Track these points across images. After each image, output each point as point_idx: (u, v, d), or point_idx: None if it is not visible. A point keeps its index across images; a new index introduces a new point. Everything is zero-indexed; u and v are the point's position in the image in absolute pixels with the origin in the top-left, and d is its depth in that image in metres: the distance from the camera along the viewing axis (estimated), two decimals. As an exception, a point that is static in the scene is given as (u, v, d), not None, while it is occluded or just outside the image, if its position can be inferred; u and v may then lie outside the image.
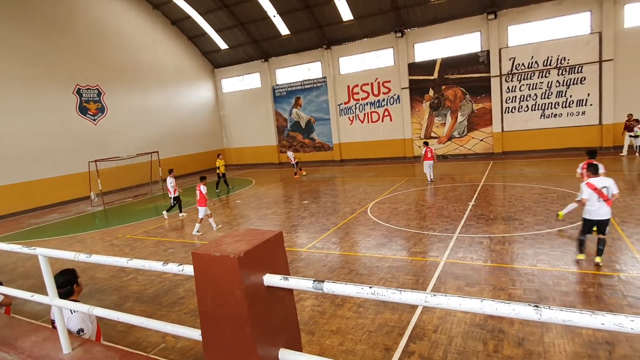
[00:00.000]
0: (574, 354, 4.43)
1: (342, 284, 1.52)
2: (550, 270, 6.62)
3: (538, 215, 9.76)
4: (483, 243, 8.25)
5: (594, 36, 18.00)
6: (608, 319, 1.18)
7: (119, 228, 13.30)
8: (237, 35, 25.50)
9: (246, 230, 1.86)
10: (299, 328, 1.89)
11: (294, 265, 8.11)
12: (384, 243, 8.89)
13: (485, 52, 20.20)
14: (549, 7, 18.51)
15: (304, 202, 14.21)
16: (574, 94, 18.79)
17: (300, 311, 6.04)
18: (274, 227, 11.37)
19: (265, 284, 1.67)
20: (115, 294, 7.60)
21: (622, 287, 5.85)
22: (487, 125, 20.89)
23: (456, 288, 6.38)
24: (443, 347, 4.80)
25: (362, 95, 23.85)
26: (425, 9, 20.64)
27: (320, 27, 23.20)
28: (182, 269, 1.92)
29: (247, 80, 28.01)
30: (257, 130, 27.99)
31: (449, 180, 15.79)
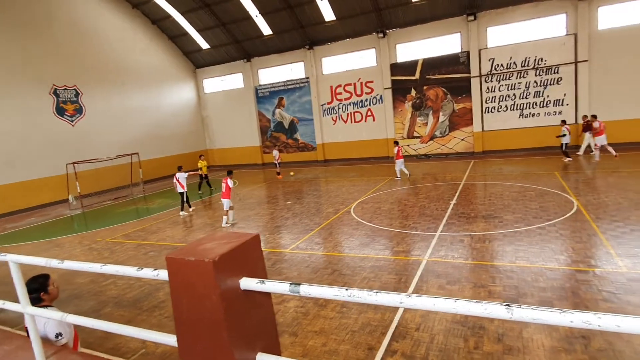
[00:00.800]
0: (551, 348, 4.53)
1: (318, 287, 1.52)
2: (529, 267, 6.77)
3: (517, 213, 9.96)
4: (464, 241, 8.37)
5: (569, 38, 18.49)
6: (576, 316, 1.21)
7: (98, 231, 13.01)
8: (218, 35, 25.26)
9: (222, 233, 1.84)
10: (277, 331, 1.87)
11: (277, 267, 8.07)
12: (367, 243, 8.93)
13: (465, 53, 20.53)
14: (526, 9, 18.94)
15: (288, 203, 14.18)
16: (550, 94, 19.27)
17: (283, 312, 6.03)
18: (257, 228, 11.30)
19: (241, 288, 1.65)
20: (93, 299, 7.43)
21: (597, 282, 6.02)
22: (467, 125, 21.24)
23: (438, 286, 6.46)
24: (425, 345, 4.85)
25: (345, 96, 23.93)
26: (406, 10, 20.85)
27: (302, 27, 23.18)
28: (157, 274, 1.89)
29: (230, 80, 27.77)
30: (240, 131, 27.78)
31: (431, 179, 15.98)
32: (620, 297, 5.52)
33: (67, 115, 20.32)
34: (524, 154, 19.49)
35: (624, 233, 7.85)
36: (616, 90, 18.04)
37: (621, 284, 5.85)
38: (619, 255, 6.84)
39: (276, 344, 1.86)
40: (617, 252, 6.97)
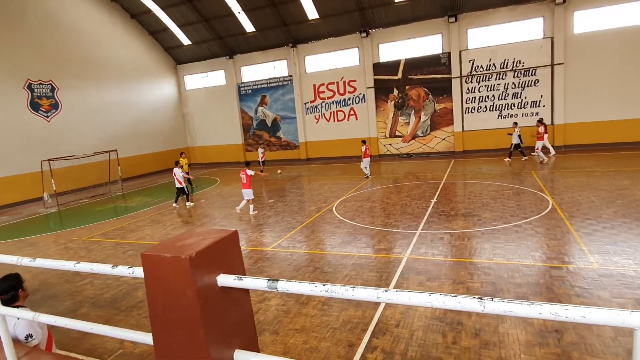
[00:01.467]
0: (526, 342, 4.66)
1: (296, 283, 1.52)
2: (506, 264, 6.93)
3: (495, 211, 10.19)
4: (444, 239, 8.51)
5: (546, 41, 18.98)
6: (545, 308, 1.24)
7: (74, 230, 12.68)
8: (200, 31, 24.91)
9: (199, 230, 1.82)
10: (255, 328, 1.87)
11: (259, 265, 8.04)
12: (349, 241, 8.98)
13: (446, 54, 20.83)
14: (505, 12, 19.34)
15: (270, 201, 14.12)
16: (528, 96, 19.75)
17: (264, 311, 6.01)
18: (239, 226, 11.22)
19: (219, 285, 1.64)
20: (69, 300, 7.24)
21: (570, 278, 6.21)
22: (448, 125, 21.57)
23: (418, 283, 6.55)
24: (405, 341, 4.91)
25: (328, 94, 23.96)
26: (389, 10, 21.00)
27: (285, 25, 23.09)
28: (132, 272, 1.85)
29: (212, 77, 27.44)
30: (222, 129, 27.50)
31: (413, 178, 16.17)
32: (591, 292, 5.71)
33: (42, 111, 19.71)
34: (502, 153, 19.89)
35: (596, 230, 8.12)
36: (590, 92, 18.62)
37: (592, 280, 6.06)
38: (591, 252, 7.07)
39: (254, 340, 1.86)
40: (589, 249, 7.21)
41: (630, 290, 5.66)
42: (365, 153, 16.89)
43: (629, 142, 18.17)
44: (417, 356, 4.60)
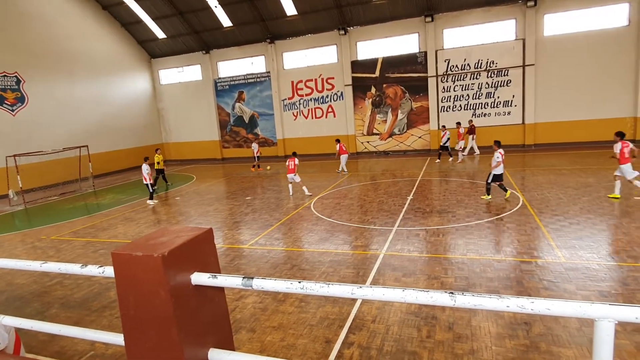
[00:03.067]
0: (497, 335, 4.81)
1: (271, 280, 1.52)
2: (478, 259, 7.12)
3: (469, 207, 10.44)
4: (419, 235, 8.66)
5: (518, 42, 19.54)
6: (512, 301, 1.29)
7: (42, 229, 12.21)
8: (175, 25, 24.37)
9: (173, 227, 1.79)
10: (230, 326, 1.86)
11: (236, 263, 7.97)
12: (326, 238, 9.02)
13: (423, 53, 21.14)
14: (479, 13, 19.78)
15: (247, 198, 14.00)
16: (501, 95, 20.29)
17: (241, 309, 5.97)
18: (215, 223, 11.08)
19: (192, 283, 1.62)
20: (37, 301, 6.98)
21: (539, 272, 6.44)
22: (424, 123, 21.92)
23: (394, 279, 6.65)
24: (381, 336, 4.98)
25: (306, 91, 23.92)
26: (367, 9, 21.12)
27: (263, 20, 22.87)
28: (102, 271, 1.81)
29: (187, 72, 26.92)
30: (198, 125, 27.03)
31: (389, 175, 16.37)
32: (558, 285, 5.94)
33: (7, 104, 18.84)
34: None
35: (563, 226, 8.45)
36: (559, 93, 19.31)
37: (559, 273, 6.30)
38: (559, 247, 7.36)
39: (229, 338, 1.84)
40: (557, 244, 7.50)
41: (594, 282, 5.92)
42: (342, 150, 17.32)
43: (595, 142, 18.96)
44: (392, 351, 4.67)
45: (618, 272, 6.28)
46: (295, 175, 13.57)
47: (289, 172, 13.61)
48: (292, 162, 13.64)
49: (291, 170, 13.57)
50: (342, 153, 17.47)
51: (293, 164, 13.60)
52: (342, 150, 17.49)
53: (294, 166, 13.58)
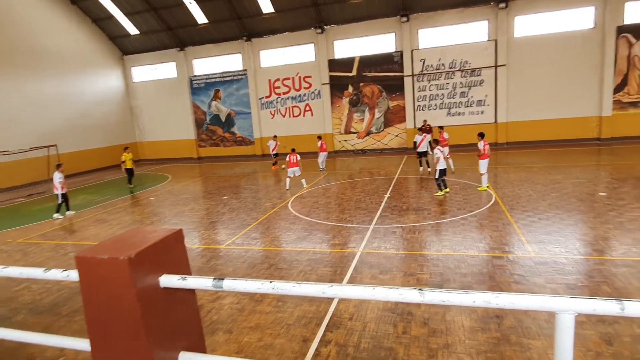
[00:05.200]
0: (470, 328, 4.93)
1: (242, 281, 1.51)
2: (453, 255, 7.28)
3: (443, 205, 10.65)
4: (396, 233, 8.78)
5: (490, 43, 20.03)
6: (478, 296, 1.32)
7: (8, 232, 11.70)
8: (149, 21, 23.78)
9: (141, 229, 1.75)
10: (201, 328, 1.83)
11: (212, 263, 7.87)
12: (304, 236, 9.01)
13: (399, 53, 21.39)
14: (453, 14, 20.17)
15: (224, 198, 13.84)
16: (474, 95, 20.77)
17: (218, 310, 5.90)
18: (191, 224, 10.90)
19: (161, 286, 1.58)
20: (3, 307, 6.69)
21: (510, 267, 6.64)
22: (401, 122, 22.21)
23: (371, 276, 6.72)
24: (358, 333, 5.02)
25: (283, 90, 23.82)
26: (343, 8, 21.19)
27: (239, 18, 22.62)
28: (67, 275, 1.75)
29: (162, 69, 26.33)
30: (173, 123, 26.49)
31: (367, 173, 16.51)
32: (528, 279, 6.14)
33: (-32, 102, 17.95)
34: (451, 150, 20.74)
35: (533, 222, 8.74)
36: (529, 93, 19.92)
37: (529, 267, 6.52)
38: (529, 242, 7.60)
39: (201, 341, 1.82)
40: (527, 239, 7.75)
41: (562, 276, 6.15)
42: (322, 147, 17.51)
43: (563, 140, 19.70)
44: (369, 347, 4.72)
45: (584, 265, 6.55)
46: (297, 169, 14.09)
47: (291, 166, 14.09)
48: (293, 156, 14.17)
49: (293, 164, 14.07)
50: (322, 151, 17.64)
51: (295, 158, 14.14)
52: (322, 147, 17.68)
53: (296, 160, 14.09)
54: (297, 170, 14.18)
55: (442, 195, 11.55)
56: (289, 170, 14.21)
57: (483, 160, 11.80)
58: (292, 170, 14.14)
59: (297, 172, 14.19)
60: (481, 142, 11.98)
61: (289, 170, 14.25)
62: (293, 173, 14.18)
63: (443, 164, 11.52)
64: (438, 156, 11.52)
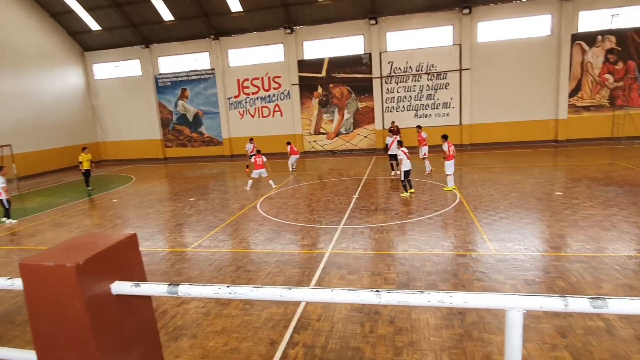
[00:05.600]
0: (435, 326, 5.05)
1: (199, 286, 1.47)
2: (419, 254, 7.44)
3: (411, 205, 10.87)
4: (364, 233, 8.87)
5: (455, 47, 20.65)
6: (433, 296, 1.35)
7: (-46, 237, 10.94)
8: (111, 17, 22.92)
9: (92, 234, 1.68)
10: (158, 336, 1.77)
11: (178, 267, 7.67)
12: (272, 238, 8.95)
13: (367, 55, 21.66)
14: (420, 18, 20.65)
15: (191, 200, 13.53)
16: (440, 98, 21.34)
17: (182, 314, 5.75)
18: (156, 227, 10.58)
19: (113, 293, 1.52)
20: (-53, 318, 6.24)
21: (472, 265, 6.85)
22: (370, 123, 22.49)
23: (339, 277, 6.75)
24: (325, 334, 5.03)
25: (252, 90, 23.58)
26: (313, 9, 21.24)
27: (207, 15, 22.21)
28: (11, 284, 1.64)
29: (125, 67, 25.44)
30: (138, 123, 25.63)
31: (336, 174, 16.60)
32: (489, 275, 6.36)
33: None
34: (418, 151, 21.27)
35: (495, 220, 9.07)
36: (491, 96, 20.68)
37: (491, 265, 6.75)
38: (490, 240, 7.88)
39: (157, 349, 1.76)
40: (489, 237, 8.03)
41: (521, 272, 6.42)
42: (292, 151, 17.58)
43: (523, 141, 20.58)
44: (336, 348, 4.74)
45: (541, 261, 6.86)
46: (263, 171, 14.06)
47: (257, 167, 14.05)
48: (259, 158, 14.12)
49: (259, 165, 14.03)
50: (293, 154, 17.66)
51: (261, 160, 14.09)
52: (292, 151, 17.69)
53: (262, 162, 14.06)
54: (264, 172, 14.12)
55: (407, 196, 11.76)
56: (254, 172, 14.20)
57: (449, 162, 12.10)
58: (257, 172, 14.11)
59: (263, 173, 14.14)
60: (445, 143, 12.31)
61: (254, 172, 14.22)
62: (259, 174, 14.18)
63: (407, 165, 11.67)
64: (401, 157, 11.71)
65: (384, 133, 22.11)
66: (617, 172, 13.30)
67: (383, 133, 22.14)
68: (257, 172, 14.11)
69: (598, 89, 19.81)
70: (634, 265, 6.47)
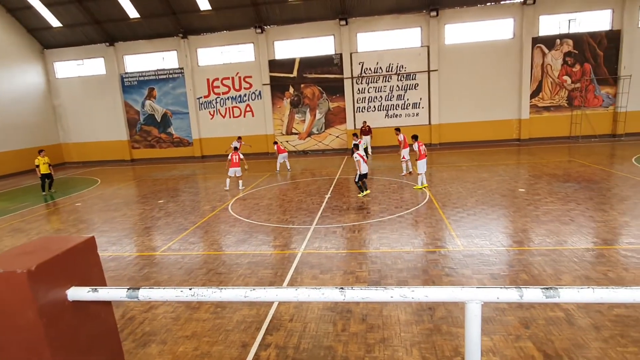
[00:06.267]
0: (405, 322, 5.14)
1: (159, 289, 1.44)
2: (390, 252, 7.55)
3: (382, 204, 11.02)
4: (336, 232, 8.92)
5: (423, 49, 21.10)
6: (395, 292, 1.38)
7: None
8: (73, 13, 22.00)
9: (46, 238, 1.60)
10: (120, 342, 1.72)
11: (146, 272, 7.45)
12: (244, 239, 8.86)
13: (338, 55, 21.79)
14: (389, 20, 20.97)
15: (160, 202, 13.18)
16: (410, 98, 21.75)
17: (151, 320, 5.60)
18: (122, 230, 10.24)
19: (69, 299, 1.46)
20: None
21: (441, 261, 7.03)
22: (342, 123, 22.64)
23: (312, 276, 6.76)
24: (298, 334, 5.02)
25: (223, 90, 23.25)
26: (283, 8, 21.16)
27: (174, 13, 21.71)
28: (-43, 294, 1.55)
29: (89, 65, 24.49)
30: (102, 123, 24.73)
31: (308, 174, 16.61)
32: (457, 271, 6.54)
33: None
34: (389, 150, 21.59)
35: (462, 217, 9.33)
36: (458, 96, 21.28)
37: (459, 260, 6.95)
38: (458, 236, 8.10)
39: (119, 356, 1.70)
40: (457, 234, 8.26)
41: (487, 267, 6.63)
42: (279, 149, 17.51)
43: (489, 140, 21.30)
44: (309, 347, 4.74)
45: (506, 255, 7.11)
46: (238, 169, 14.09)
47: (233, 165, 14.05)
48: (236, 156, 14.17)
49: (235, 164, 14.06)
50: (281, 152, 17.50)
51: (237, 157, 14.15)
52: (280, 149, 17.56)
53: (237, 160, 14.11)
54: (239, 170, 14.11)
55: (363, 197, 11.75)
56: (230, 170, 14.10)
57: (421, 161, 12.32)
58: (233, 170, 14.08)
59: (238, 172, 14.13)
60: (415, 143, 12.52)
61: (230, 170, 14.11)
62: (234, 173, 14.13)
63: (364, 168, 11.68)
64: (357, 160, 11.60)
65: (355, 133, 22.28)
66: (574, 169, 13.98)
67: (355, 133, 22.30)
68: (233, 171, 14.07)
69: (557, 90, 20.76)
70: (591, 257, 6.82)
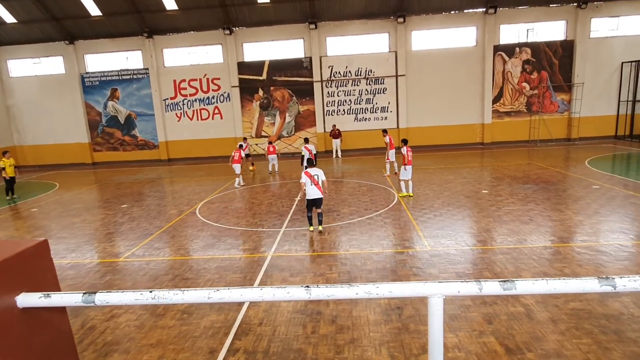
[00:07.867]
0: (374, 322, 5.19)
1: (118, 293, 1.38)
2: (359, 253, 7.62)
3: (352, 206, 11.11)
4: (306, 235, 8.90)
5: (391, 54, 21.52)
6: (360, 288, 1.38)
7: None
8: (28, 8, 20.92)
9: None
10: (76, 350, 1.63)
11: (108, 279, 7.15)
12: (212, 243, 8.68)
13: (308, 59, 21.86)
14: (357, 25, 21.27)
15: (123, 207, 12.72)
16: (378, 102, 22.10)
17: (113, 329, 5.37)
18: (83, 236, 9.80)
19: (19, 306, 1.38)
20: None
21: (410, 261, 7.16)
22: (312, 126, 22.69)
23: (281, 279, 6.71)
24: (267, 338, 4.97)
25: (190, 91, 22.77)
26: (252, 10, 21.02)
27: (139, 12, 21.08)
28: None
29: (46, 64, 23.33)
30: (61, 125, 23.60)
31: (278, 177, 16.53)
32: (425, 270, 6.69)
33: None
34: (359, 153, 21.88)
35: (429, 218, 9.56)
36: (425, 101, 21.84)
37: (426, 260, 7.10)
38: (425, 237, 8.29)
39: (75, 364, 1.62)
40: (424, 234, 8.45)
41: (452, 265, 6.82)
42: (269, 151, 17.19)
43: (454, 144, 21.96)
44: (279, 351, 4.70)
45: (470, 254, 7.34)
46: (238, 166, 14.61)
47: (234, 162, 14.63)
48: (237, 153, 14.72)
49: (236, 161, 14.60)
50: (271, 154, 17.16)
51: (238, 155, 14.68)
52: (270, 150, 17.19)
53: (239, 157, 14.67)
54: (238, 167, 14.72)
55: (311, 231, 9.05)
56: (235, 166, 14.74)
57: (409, 167, 11.45)
58: (235, 166, 14.73)
59: (237, 169, 14.75)
60: (404, 147, 11.60)
61: (234, 166, 14.72)
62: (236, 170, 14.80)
63: (312, 193, 8.59)
64: (303, 181, 8.77)
65: (325, 136, 22.45)
66: (533, 171, 14.65)
67: (325, 136, 22.46)
68: (235, 167, 14.66)
69: (517, 96, 21.72)
70: (549, 254, 7.15)
